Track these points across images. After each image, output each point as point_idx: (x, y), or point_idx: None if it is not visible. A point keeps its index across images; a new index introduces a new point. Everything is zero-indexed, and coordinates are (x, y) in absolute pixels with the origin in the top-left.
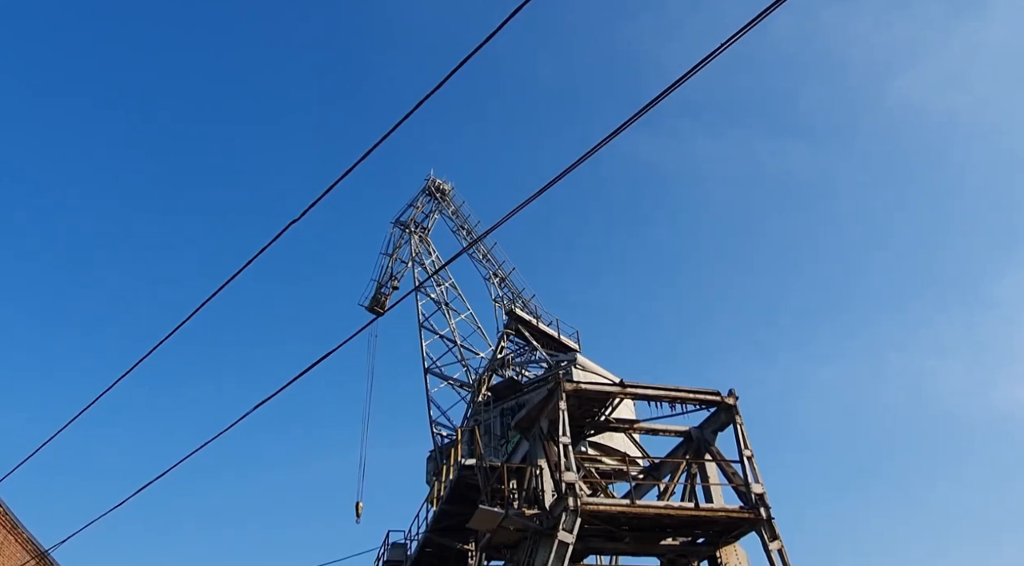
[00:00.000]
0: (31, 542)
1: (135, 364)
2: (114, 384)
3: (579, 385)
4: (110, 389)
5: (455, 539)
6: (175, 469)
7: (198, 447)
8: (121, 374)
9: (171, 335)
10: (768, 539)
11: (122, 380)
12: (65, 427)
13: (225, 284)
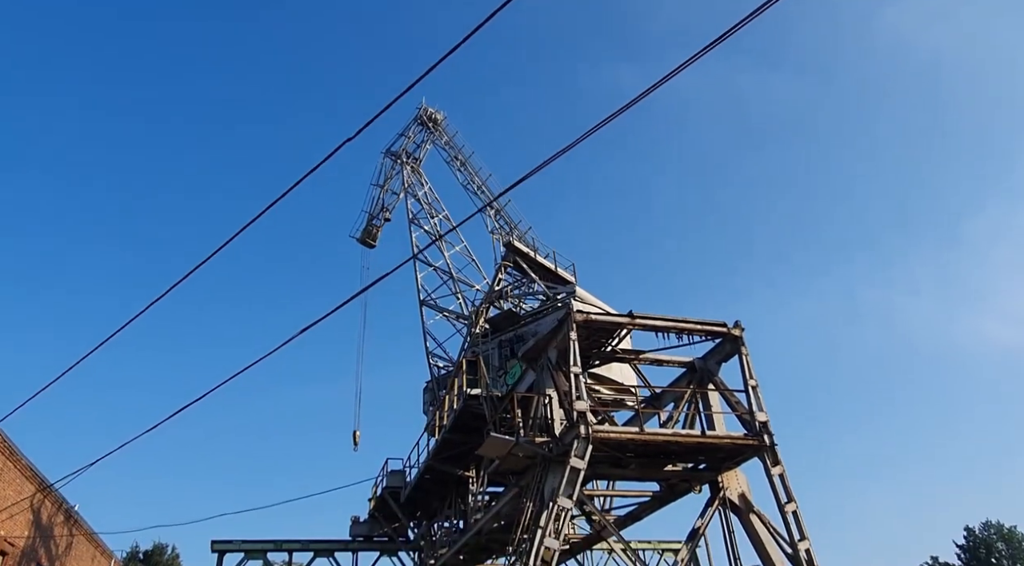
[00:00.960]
0: (30, 470)
1: (147, 307)
2: (120, 328)
3: (589, 316)
4: (117, 332)
5: (456, 466)
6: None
7: (202, 395)
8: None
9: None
10: (771, 464)
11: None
12: (77, 363)
13: (257, 216)
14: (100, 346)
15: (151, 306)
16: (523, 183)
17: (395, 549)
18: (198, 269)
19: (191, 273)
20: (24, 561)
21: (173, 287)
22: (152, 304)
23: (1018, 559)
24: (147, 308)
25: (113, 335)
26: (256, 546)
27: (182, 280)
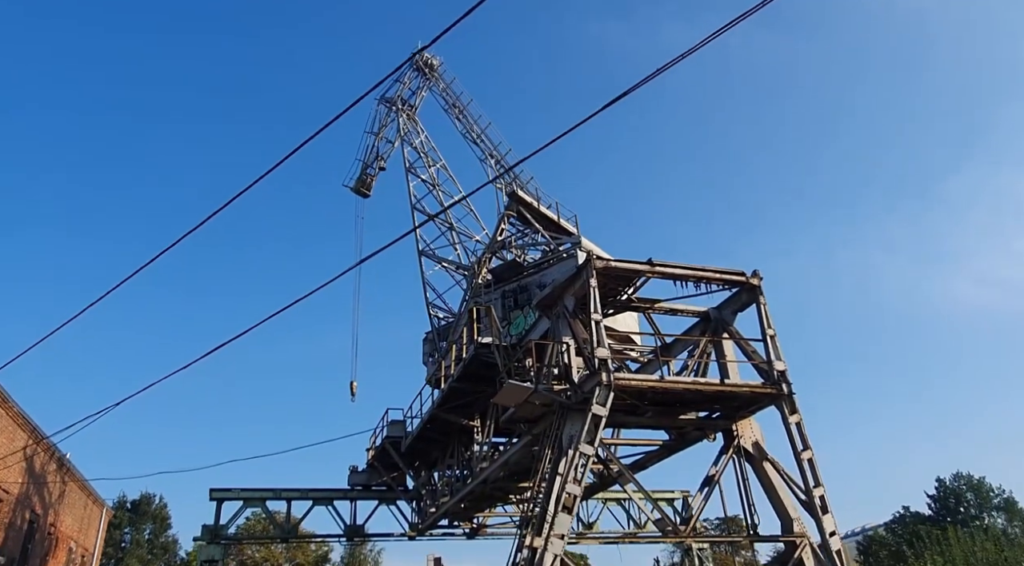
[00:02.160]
0: (22, 417)
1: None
2: (127, 278)
3: (609, 263)
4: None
5: (461, 416)
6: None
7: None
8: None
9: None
10: (788, 412)
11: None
12: (79, 314)
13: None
14: (100, 300)
15: (152, 261)
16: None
17: (393, 498)
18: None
19: (192, 232)
20: (19, 508)
21: (177, 242)
22: (155, 258)
23: (984, 507)
24: (148, 264)
25: (117, 286)
26: (254, 494)
27: (185, 236)
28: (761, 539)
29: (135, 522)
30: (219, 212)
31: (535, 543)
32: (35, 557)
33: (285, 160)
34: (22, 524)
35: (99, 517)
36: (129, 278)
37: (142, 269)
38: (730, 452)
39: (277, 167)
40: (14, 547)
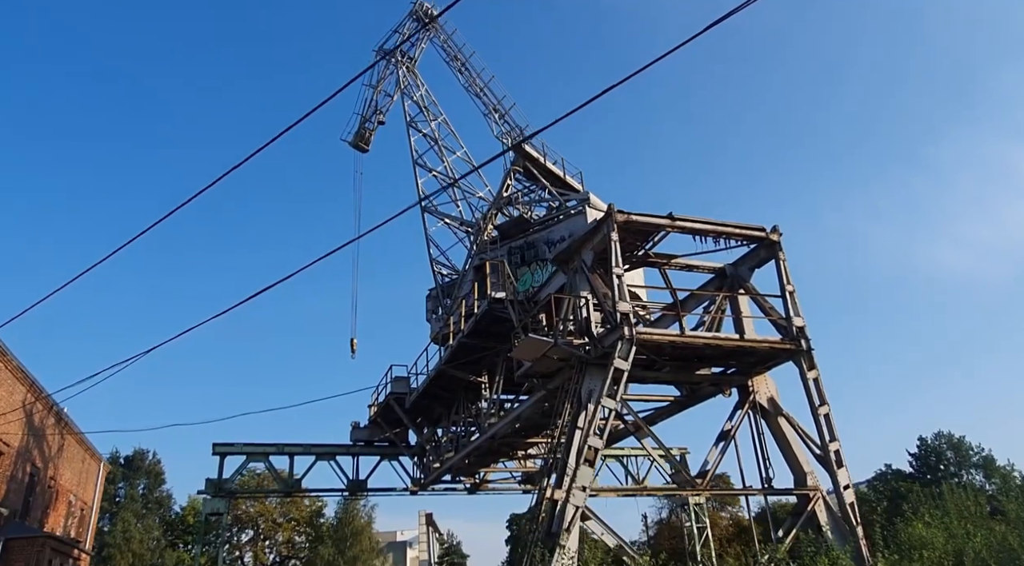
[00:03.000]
0: (21, 371)
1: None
2: (133, 238)
3: (630, 217)
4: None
5: (468, 372)
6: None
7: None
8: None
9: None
10: (807, 368)
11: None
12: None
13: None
14: (108, 258)
15: (159, 222)
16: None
17: (396, 454)
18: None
19: (201, 192)
20: (19, 461)
21: (184, 204)
22: (163, 219)
23: (963, 465)
24: (158, 222)
25: (123, 246)
26: (258, 449)
27: (193, 197)
28: (776, 492)
29: (129, 477)
30: (217, 182)
31: (556, 495)
32: (36, 509)
33: (299, 122)
34: (23, 477)
35: (97, 471)
36: (129, 243)
37: (136, 238)
38: (745, 407)
39: (288, 131)
40: (16, 499)
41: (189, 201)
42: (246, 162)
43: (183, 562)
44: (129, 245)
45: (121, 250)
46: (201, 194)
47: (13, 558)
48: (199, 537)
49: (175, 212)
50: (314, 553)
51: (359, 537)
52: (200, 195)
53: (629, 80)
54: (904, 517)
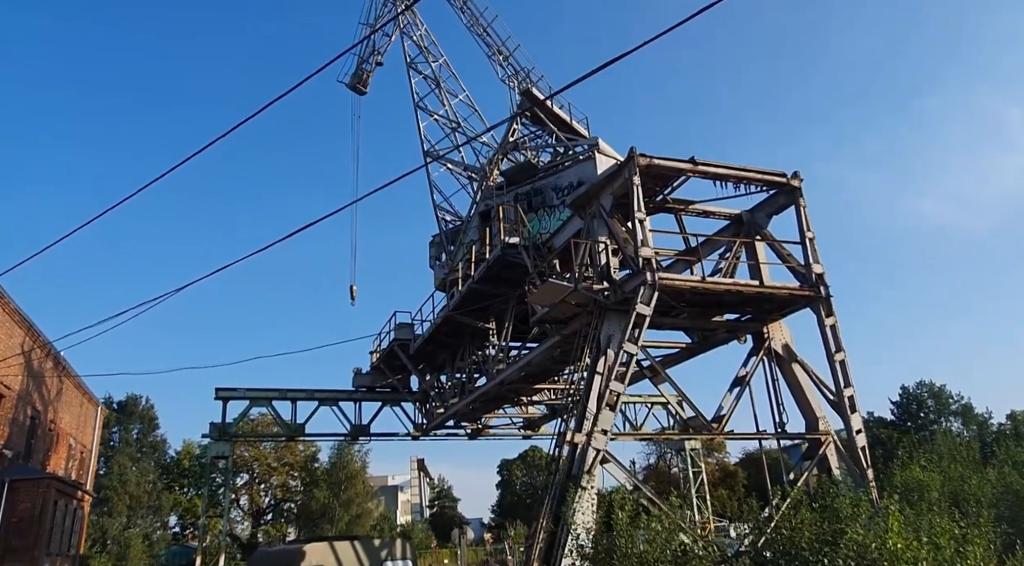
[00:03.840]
0: (18, 314)
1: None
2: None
3: (652, 160)
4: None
5: (476, 318)
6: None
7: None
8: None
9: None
10: (825, 315)
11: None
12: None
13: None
14: (114, 208)
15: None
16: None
17: (398, 400)
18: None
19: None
20: (20, 404)
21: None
22: (168, 172)
23: (942, 412)
24: (161, 176)
25: (129, 197)
26: (261, 394)
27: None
28: (788, 436)
29: (123, 422)
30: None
31: (576, 439)
32: (38, 452)
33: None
34: (24, 420)
35: (94, 415)
36: (138, 192)
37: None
38: (760, 354)
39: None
40: (19, 442)
41: (193, 157)
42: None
43: (180, 504)
44: (132, 198)
45: (130, 199)
46: (205, 150)
47: (19, 499)
48: (204, 477)
49: (181, 165)
50: (309, 496)
51: (353, 481)
52: (202, 151)
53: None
54: (901, 462)
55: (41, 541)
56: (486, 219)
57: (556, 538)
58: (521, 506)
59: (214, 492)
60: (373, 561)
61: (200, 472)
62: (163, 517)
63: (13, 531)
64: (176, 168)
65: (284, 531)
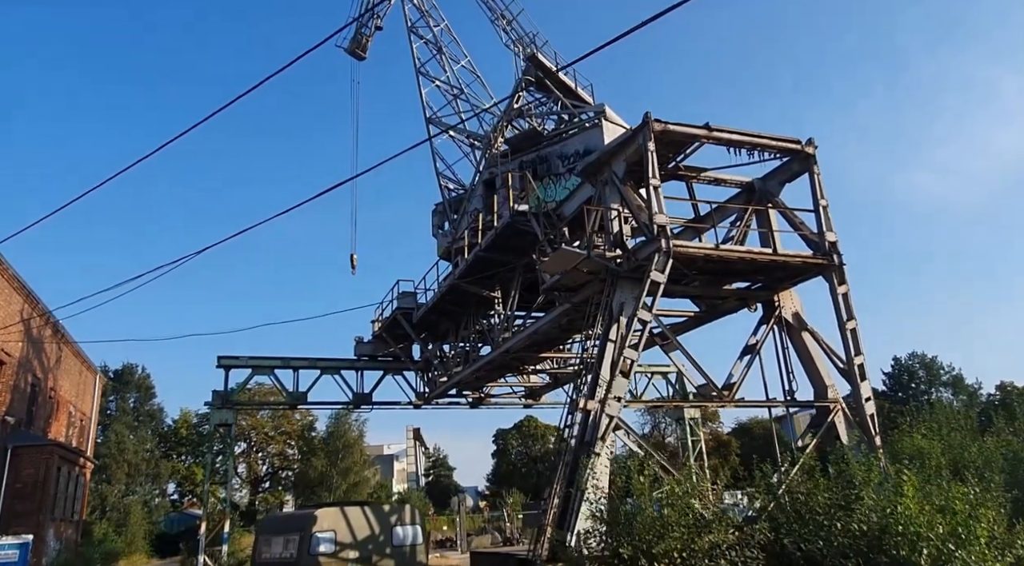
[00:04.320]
0: (17, 280)
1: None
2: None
3: (667, 126)
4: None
5: (482, 286)
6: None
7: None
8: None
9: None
10: (837, 283)
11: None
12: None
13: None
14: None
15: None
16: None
17: (399, 368)
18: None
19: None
20: (21, 371)
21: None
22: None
23: (933, 383)
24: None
25: (133, 164)
26: (263, 362)
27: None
28: (798, 404)
29: (119, 391)
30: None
31: (588, 406)
32: (40, 419)
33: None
34: (25, 387)
35: (93, 383)
36: (141, 160)
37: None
38: (771, 322)
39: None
40: (20, 409)
41: (190, 130)
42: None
43: (178, 472)
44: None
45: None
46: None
47: (22, 465)
48: (209, 445)
49: (187, 132)
50: (307, 465)
51: (351, 450)
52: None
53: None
54: (900, 430)
55: (45, 506)
56: (490, 187)
57: (570, 503)
58: (516, 475)
59: (214, 460)
60: (383, 526)
61: (198, 441)
62: (161, 485)
63: (17, 496)
64: (168, 144)
65: (282, 499)
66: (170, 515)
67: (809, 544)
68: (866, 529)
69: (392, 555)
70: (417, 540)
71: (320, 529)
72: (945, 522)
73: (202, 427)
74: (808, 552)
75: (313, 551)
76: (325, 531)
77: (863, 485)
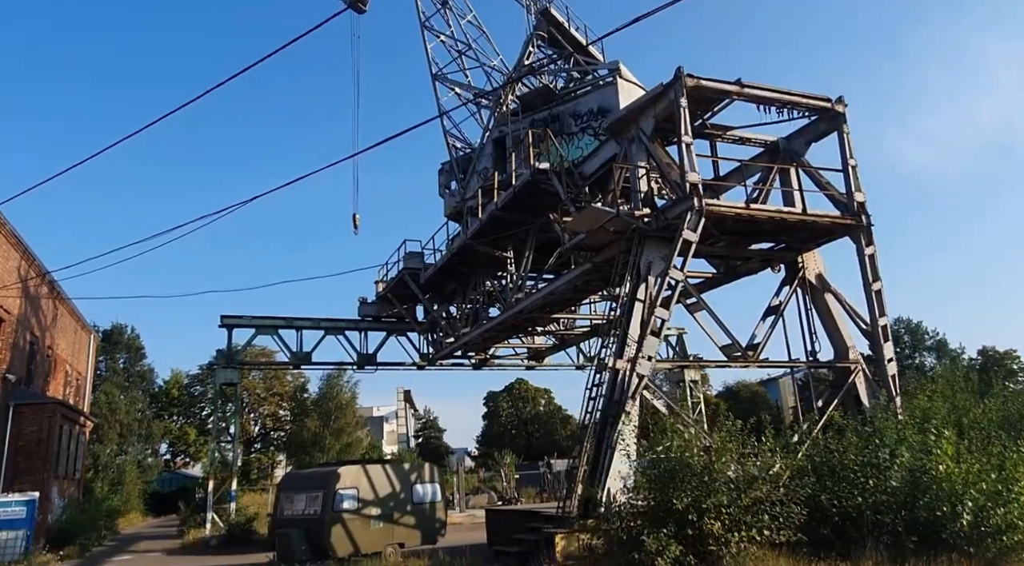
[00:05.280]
0: (14, 236)
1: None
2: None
3: (700, 81)
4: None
5: (493, 247)
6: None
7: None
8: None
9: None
10: (865, 244)
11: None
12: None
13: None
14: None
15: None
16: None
17: (403, 329)
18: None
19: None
20: (20, 329)
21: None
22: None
23: (917, 348)
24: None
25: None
26: (267, 322)
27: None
28: (819, 365)
29: (108, 351)
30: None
31: (618, 365)
32: (38, 378)
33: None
34: (24, 345)
35: (88, 342)
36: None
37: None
38: (794, 283)
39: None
40: (20, 367)
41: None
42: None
43: (171, 432)
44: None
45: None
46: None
47: (25, 423)
48: (215, 404)
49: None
50: (300, 425)
51: (344, 411)
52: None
53: None
54: (906, 392)
55: (49, 464)
56: (500, 146)
57: (600, 460)
58: (507, 437)
59: (223, 416)
60: (404, 484)
61: (190, 401)
62: (153, 445)
63: (21, 454)
64: (166, 116)
65: (274, 459)
66: (163, 475)
67: (845, 501)
68: (900, 486)
69: (412, 512)
70: (436, 497)
71: (343, 486)
72: (989, 480)
73: (193, 388)
74: (843, 508)
75: (337, 508)
76: (348, 488)
77: (898, 444)
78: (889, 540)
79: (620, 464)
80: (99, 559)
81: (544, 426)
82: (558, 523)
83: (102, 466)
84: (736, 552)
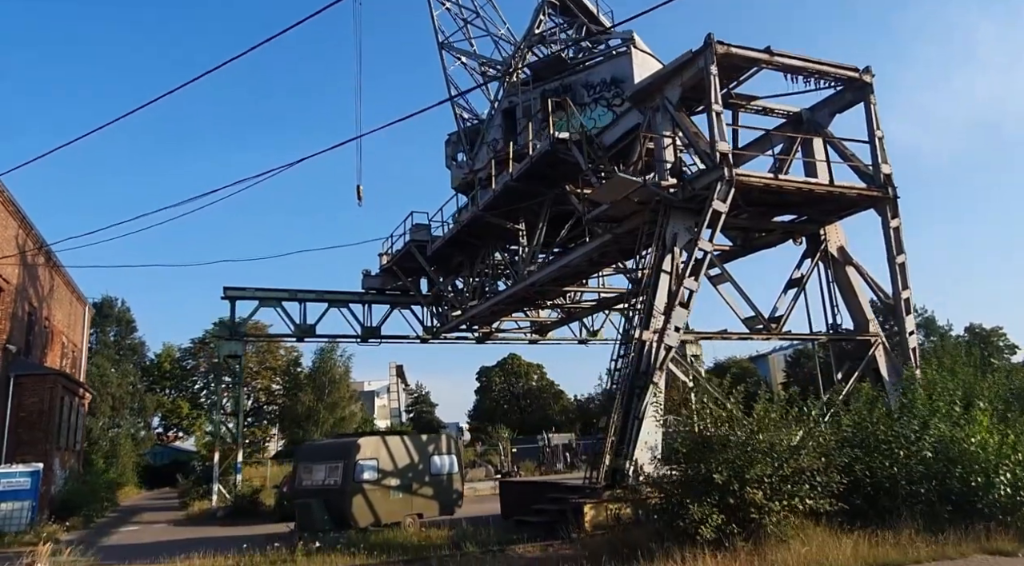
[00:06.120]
0: (12, 204)
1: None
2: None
3: (730, 48)
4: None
5: (505, 219)
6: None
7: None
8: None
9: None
10: (890, 216)
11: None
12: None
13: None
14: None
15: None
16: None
17: (407, 302)
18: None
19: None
20: (19, 299)
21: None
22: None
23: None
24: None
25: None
26: (270, 294)
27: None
28: (840, 337)
29: (99, 324)
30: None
31: (644, 337)
32: (36, 349)
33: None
34: (23, 316)
35: (83, 314)
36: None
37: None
38: (816, 256)
39: None
40: (19, 337)
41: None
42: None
43: (163, 406)
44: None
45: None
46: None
47: (25, 394)
48: (216, 377)
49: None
50: (294, 399)
51: (337, 385)
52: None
53: None
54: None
55: (51, 435)
56: (509, 117)
57: (627, 433)
58: (499, 411)
59: (202, 392)
60: (422, 455)
61: (182, 375)
62: (146, 418)
63: (23, 425)
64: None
65: (268, 432)
66: (155, 448)
67: (879, 472)
68: (933, 457)
69: (431, 483)
70: (454, 469)
71: (363, 457)
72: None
73: (185, 361)
74: (876, 479)
75: (357, 478)
76: (368, 459)
77: (931, 416)
78: (923, 509)
79: (648, 436)
80: (105, 530)
81: (536, 401)
82: (584, 493)
83: (95, 439)
84: (777, 521)
